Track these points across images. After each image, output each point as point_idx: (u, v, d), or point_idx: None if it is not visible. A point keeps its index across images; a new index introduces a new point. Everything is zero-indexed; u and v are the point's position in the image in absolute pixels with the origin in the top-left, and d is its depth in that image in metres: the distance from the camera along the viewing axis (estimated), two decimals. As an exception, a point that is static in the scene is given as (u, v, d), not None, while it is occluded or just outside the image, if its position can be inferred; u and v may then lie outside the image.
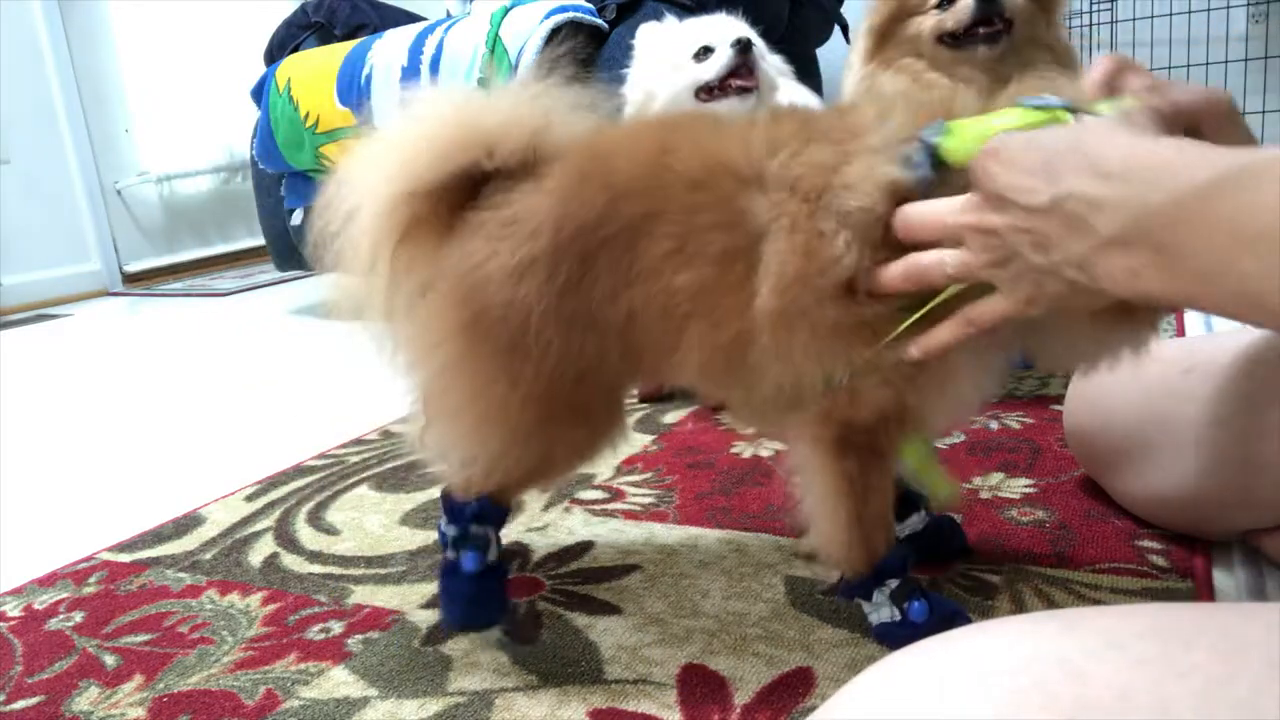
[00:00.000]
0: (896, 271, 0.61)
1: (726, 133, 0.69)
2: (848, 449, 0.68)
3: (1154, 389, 0.86)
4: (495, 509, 0.78)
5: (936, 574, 0.84)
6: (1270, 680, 0.33)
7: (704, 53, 1.33)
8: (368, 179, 0.70)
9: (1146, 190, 0.47)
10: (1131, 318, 0.61)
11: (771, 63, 1.40)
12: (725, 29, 1.35)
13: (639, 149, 0.70)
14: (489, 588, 0.78)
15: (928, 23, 1.18)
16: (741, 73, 1.31)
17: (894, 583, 0.72)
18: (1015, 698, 0.35)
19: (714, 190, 0.66)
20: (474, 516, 0.77)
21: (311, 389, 1.85)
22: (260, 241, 2.92)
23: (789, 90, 1.38)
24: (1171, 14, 2.50)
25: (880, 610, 0.72)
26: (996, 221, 0.54)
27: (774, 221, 0.64)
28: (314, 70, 2.27)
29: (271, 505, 1.17)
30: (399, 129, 0.73)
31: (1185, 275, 0.46)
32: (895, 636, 0.71)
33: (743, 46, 1.31)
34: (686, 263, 0.66)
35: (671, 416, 1.35)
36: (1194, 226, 0.45)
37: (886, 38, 1.24)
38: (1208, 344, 0.89)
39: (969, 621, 0.69)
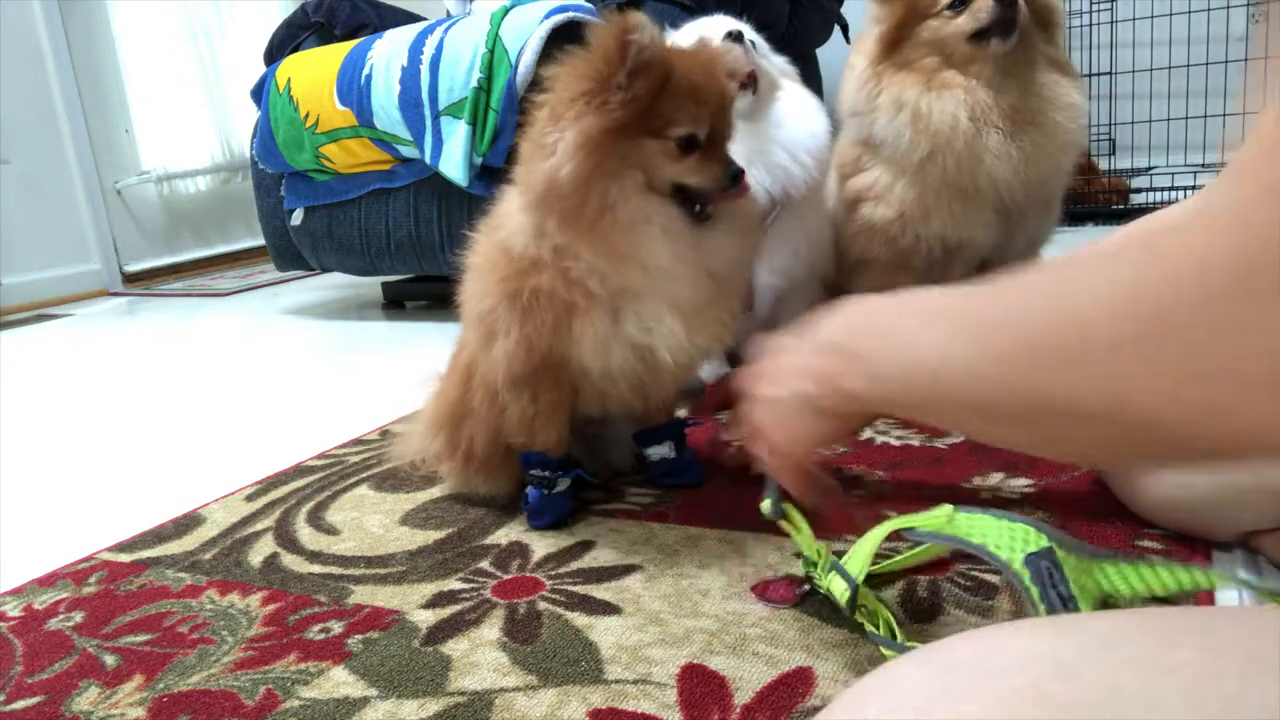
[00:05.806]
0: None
1: None
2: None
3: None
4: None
5: (938, 574, 0.84)
6: (1255, 675, 0.35)
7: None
8: None
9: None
10: None
11: (775, 64, 1.38)
12: (719, 25, 1.35)
13: None
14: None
15: (959, 23, 1.26)
16: None
17: (539, 473, 1.02)
18: (1011, 696, 0.36)
19: None
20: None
21: (311, 389, 1.85)
22: (260, 241, 2.92)
23: (790, 92, 1.37)
24: (1171, 14, 2.49)
25: (529, 489, 1.04)
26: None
27: None
28: (314, 70, 2.27)
29: (271, 505, 1.17)
30: None
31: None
32: (526, 504, 1.04)
33: (734, 38, 1.31)
34: None
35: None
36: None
37: (898, 43, 1.28)
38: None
39: (571, 505, 1.04)
